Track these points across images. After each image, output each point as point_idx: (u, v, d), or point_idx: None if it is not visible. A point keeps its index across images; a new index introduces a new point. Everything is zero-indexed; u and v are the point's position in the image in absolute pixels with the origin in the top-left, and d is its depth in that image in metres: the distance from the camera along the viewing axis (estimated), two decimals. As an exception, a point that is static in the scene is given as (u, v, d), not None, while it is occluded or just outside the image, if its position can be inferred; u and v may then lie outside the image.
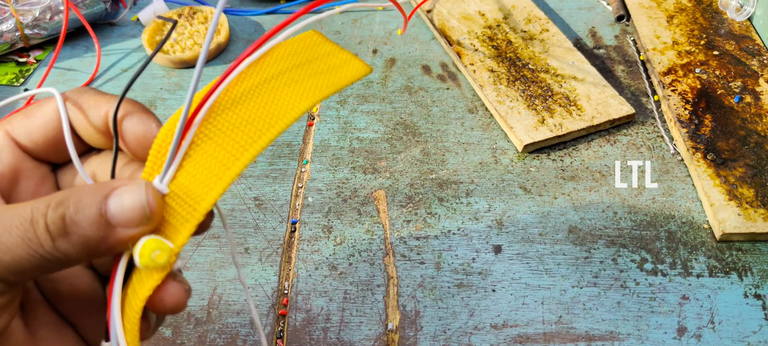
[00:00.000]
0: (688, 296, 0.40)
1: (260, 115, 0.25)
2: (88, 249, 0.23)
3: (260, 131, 0.25)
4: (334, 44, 0.29)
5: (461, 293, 0.41)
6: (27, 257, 0.23)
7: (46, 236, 0.23)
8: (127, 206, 0.23)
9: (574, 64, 0.55)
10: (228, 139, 0.25)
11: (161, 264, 0.24)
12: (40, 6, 0.58)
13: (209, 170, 0.25)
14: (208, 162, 0.25)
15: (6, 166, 0.26)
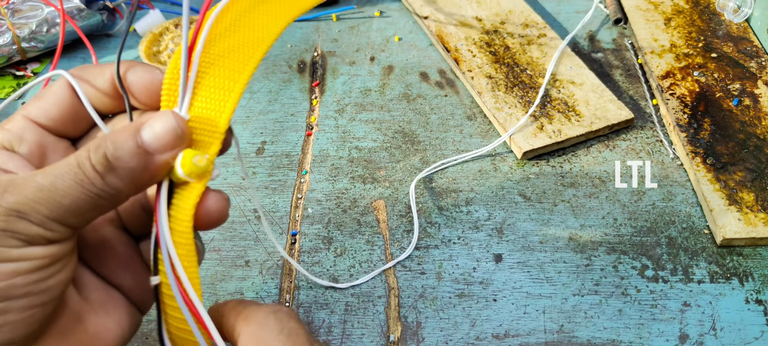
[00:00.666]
0: (689, 303, 0.40)
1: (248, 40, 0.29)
2: (134, 179, 0.26)
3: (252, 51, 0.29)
4: None
5: (462, 303, 0.41)
6: (83, 196, 0.25)
7: (94, 174, 0.26)
8: (160, 131, 0.26)
9: (572, 68, 0.55)
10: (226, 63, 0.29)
11: (203, 168, 0.27)
12: (36, 19, 0.58)
13: (218, 93, 0.28)
14: (215, 86, 0.28)
15: (32, 144, 0.29)
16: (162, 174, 0.27)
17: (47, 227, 0.25)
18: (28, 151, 0.29)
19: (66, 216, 0.26)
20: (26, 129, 0.29)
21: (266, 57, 0.60)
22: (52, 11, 0.59)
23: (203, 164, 0.27)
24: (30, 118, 0.29)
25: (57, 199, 0.25)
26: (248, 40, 0.29)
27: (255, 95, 0.56)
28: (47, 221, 0.25)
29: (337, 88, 0.56)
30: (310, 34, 0.63)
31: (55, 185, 0.25)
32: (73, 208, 0.26)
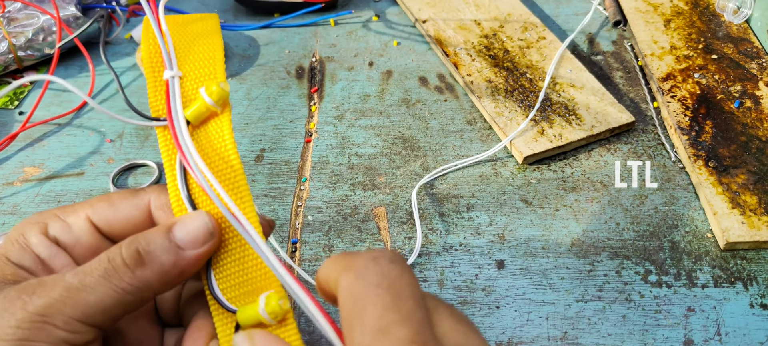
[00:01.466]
0: (693, 308, 0.40)
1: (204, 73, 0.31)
2: (164, 274, 0.26)
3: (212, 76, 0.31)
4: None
5: (465, 311, 0.40)
6: (110, 292, 0.25)
7: (124, 268, 0.26)
8: (192, 228, 0.27)
9: (572, 72, 0.55)
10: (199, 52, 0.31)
11: (226, 91, 0.29)
12: (32, 27, 0.58)
13: (201, 51, 0.31)
14: (196, 48, 0.31)
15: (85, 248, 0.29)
16: (191, 271, 0.28)
17: (71, 329, 0.25)
18: (79, 253, 0.29)
19: (92, 315, 0.25)
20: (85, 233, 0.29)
21: (264, 63, 0.60)
22: (49, 19, 0.58)
23: (226, 88, 0.29)
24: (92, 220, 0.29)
25: (84, 297, 0.25)
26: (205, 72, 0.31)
27: (253, 102, 0.56)
28: (72, 322, 0.25)
29: (336, 94, 0.56)
30: (308, 40, 0.63)
31: (84, 282, 0.25)
32: (100, 306, 0.25)
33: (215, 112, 0.30)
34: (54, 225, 0.29)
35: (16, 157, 0.52)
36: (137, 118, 0.30)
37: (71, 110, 0.56)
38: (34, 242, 0.28)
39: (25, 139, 0.54)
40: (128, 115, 0.37)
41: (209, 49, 0.31)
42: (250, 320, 0.28)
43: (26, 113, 0.56)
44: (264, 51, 0.62)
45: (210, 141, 0.30)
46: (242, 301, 0.29)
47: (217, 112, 0.30)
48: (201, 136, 0.30)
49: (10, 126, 0.55)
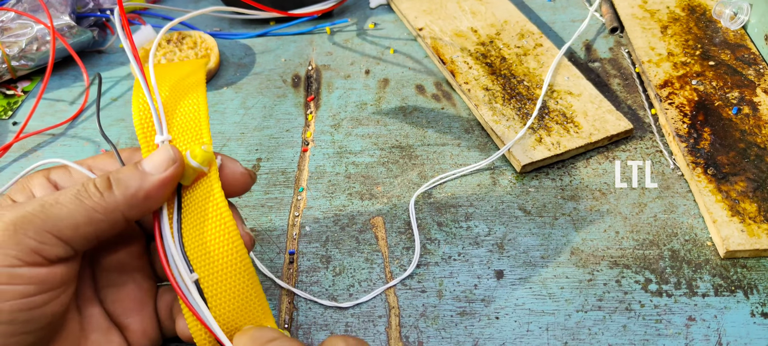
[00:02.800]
0: (694, 317, 0.39)
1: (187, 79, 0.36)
2: (130, 196, 0.29)
3: (196, 82, 0.35)
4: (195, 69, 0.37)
5: (464, 322, 0.40)
6: (80, 210, 0.28)
7: (94, 190, 0.29)
8: (156, 157, 0.30)
9: (569, 79, 0.54)
10: (181, 91, 0.35)
11: (210, 152, 0.32)
12: (26, 37, 0.58)
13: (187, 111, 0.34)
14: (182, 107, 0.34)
15: None
16: (158, 195, 0.31)
17: (41, 240, 0.27)
18: None
19: (62, 229, 0.27)
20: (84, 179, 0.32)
21: (260, 72, 0.59)
22: (42, 29, 0.58)
23: (209, 149, 0.32)
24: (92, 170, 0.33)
25: (55, 212, 0.27)
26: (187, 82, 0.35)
27: (250, 111, 0.55)
28: (43, 233, 0.27)
29: (333, 103, 0.56)
30: (304, 48, 0.62)
31: (57, 200, 0.28)
32: (70, 221, 0.27)
33: (203, 173, 0.33)
34: (56, 171, 0.32)
35: (10, 168, 0.52)
36: None
37: (65, 120, 0.55)
38: (34, 184, 0.31)
39: (19, 149, 0.53)
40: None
41: (194, 109, 0.34)
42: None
43: (20, 124, 0.55)
44: (260, 59, 0.61)
45: (200, 200, 0.32)
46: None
47: (204, 173, 0.32)
48: (192, 197, 0.32)
49: (4, 137, 0.54)
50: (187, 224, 0.32)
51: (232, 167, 0.33)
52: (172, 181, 0.31)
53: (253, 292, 0.32)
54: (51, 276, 0.27)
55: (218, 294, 0.31)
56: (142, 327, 0.33)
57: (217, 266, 0.31)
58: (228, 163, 0.33)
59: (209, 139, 0.33)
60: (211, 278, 0.31)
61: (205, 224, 0.31)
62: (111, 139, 0.53)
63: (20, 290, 0.26)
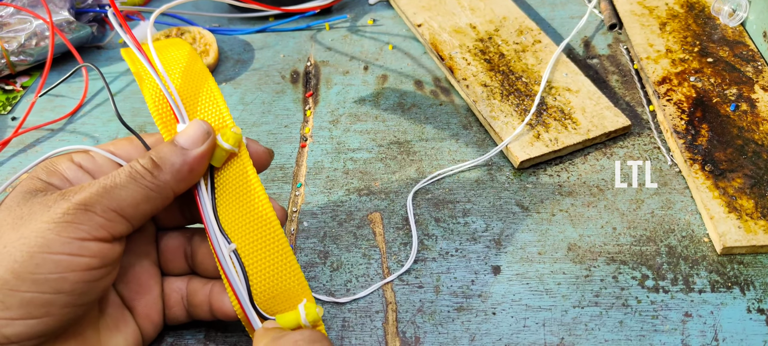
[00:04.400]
0: (690, 313, 0.40)
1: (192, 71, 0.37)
2: (177, 172, 0.32)
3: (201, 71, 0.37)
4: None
5: (461, 317, 0.40)
6: (138, 189, 0.31)
7: (145, 171, 0.31)
8: (191, 132, 0.33)
9: (567, 75, 0.54)
10: (191, 80, 0.36)
11: (240, 134, 0.35)
12: (25, 32, 0.58)
13: (203, 98, 0.36)
14: (197, 95, 0.36)
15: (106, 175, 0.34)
16: (200, 168, 0.33)
17: (108, 218, 0.29)
18: None
19: (124, 207, 0.30)
20: (107, 162, 0.35)
21: (259, 67, 0.59)
22: (41, 24, 0.58)
23: (238, 131, 0.35)
24: (115, 153, 0.35)
25: (117, 192, 0.30)
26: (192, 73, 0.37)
27: (248, 107, 0.55)
28: (109, 212, 0.30)
29: (331, 99, 0.56)
30: (302, 44, 0.62)
31: (115, 182, 0.30)
32: (130, 200, 0.30)
33: (234, 154, 0.35)
34: (78, 155, 0.34)
35: (9, 163, 0.52)
36: None
37: (64, 116, 0.55)
38: (62, 167, 0.33)
39: (17, 144, 0.53)
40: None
41: (210, 95, 0.36)
42: (289, 325, 0.33)
43: (19, 119, 0.55)
44: (258, 55, 0.61)
45: (234, 179, 0.35)
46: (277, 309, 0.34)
47: (236, 153, 0.35)
48: (225, 176, 0.35)
49: (3, 132, 0.55)
50: (222, 202, 0.35)
51: (255, 147, 0.37)
52: (210, 153, 0.34)
53: (288, 263, 0.34)
54: (112, 252, 0.30)
55: (256, 263, 0.33)
56: (147, 311, 0.35)
57: (254, 237, 0.34)
58: (250, 143, 0.37)
59: (232, 121, 0.36)
60: (249, 248, 0.34)
61: (241, 200, 0.34)
62: (112, 134, 0.53)
63: (87, 262, 0.29)
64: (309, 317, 0.33)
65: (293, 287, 0.34)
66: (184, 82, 0.36)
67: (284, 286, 0.34)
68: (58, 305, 0.28)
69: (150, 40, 0.38)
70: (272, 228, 0.34)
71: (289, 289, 0.34)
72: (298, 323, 0.33)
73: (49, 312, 0.28)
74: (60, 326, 0.29)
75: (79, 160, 0.34)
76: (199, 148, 0.33)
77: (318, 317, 0.33)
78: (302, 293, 0.34)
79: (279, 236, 0.34)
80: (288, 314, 0.33)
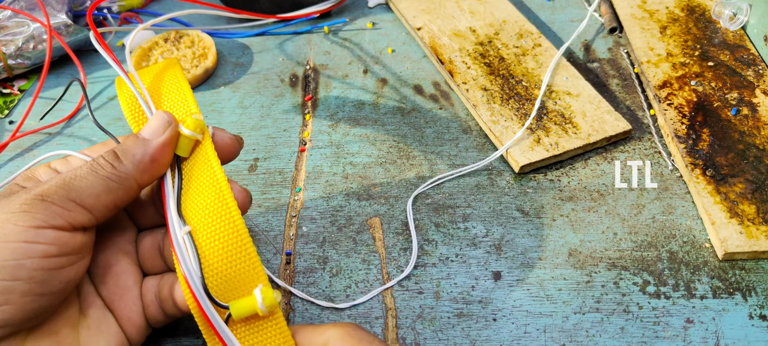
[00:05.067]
0: (692, 320, 0.39)
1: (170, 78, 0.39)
2: (138, 163, 0.33)
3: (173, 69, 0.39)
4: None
5: (462, 324, 0.40)
6: (97, 180, 0.31)
7: (105, 163, 0.32)
8: (152, 124, 0.34)
9: (568, 79, 0.54)
10: (164, 77, 0.38)
11: (201, 120, 0.35)
12: (22, 35, 0.57)
13: (170, 91, 0.37)
14: (165, 89, 0.37)
15: None
16: (162, 158, 0.34)
17: (66, 207, 0.30)
18: None
19: (84, 198, 0.31)
20: None
21: (257, 71, 0.59)
22: (39, 27, 0.58)
23: (200, 118, 0.35)
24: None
25: (76, 183, 0.31)
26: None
27: (247, 110, 0.55)
28: (67, 202, 0.30)
29: (330, 103, 0.56)
30: (301, 48, 0.62)
31: (75, 174, 0.31)
32: (90, 190, 0.31)
33: (198, 141, 0.35)
34: (57, 162, 0.35)
35: (6, 167, 0.51)
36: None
37: (62, 120, 0.55)
38: (39, 172, 0.34)
39: (15, 148, 0.53)
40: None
41: (177, 89, 0.37)
42: (245, 312, 0.32)
43: (16, 122, 0.55)
44: (257, 59, 0.61)
45: (198, 167, 0.35)
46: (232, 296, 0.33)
47: (199, 140, 0.35)
48: (191, 165, 0.35)
49: (0, 135, 0.54)
50: (187, 190, 0.35)
51: (221, 135, 0.37)
52: (172, 142, 0.34)
53: (244, 247, 0.33)
54: (72, 241, 0.30)
55: (210, 246, 0.33)
56: (128, 313, 0.35)
57: (210, 220, 0.33)
58: (217, 132, 0.37)
59: (197, 110, 0.36)
60: (203, 230, 0.33)
61: (202, 186, 0.34)
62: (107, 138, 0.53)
63: (43, 249, 0.29)
64: (266, 302, 0.32)
65: (249, 272, 0.33)
66: (154, 81, 0.38)
67: (239, 271, 0.33)
68: (18, 293, 0.29)
69: (134, 38, 0.40)
70: (228, 211, 0.33)
71: (245, 274, 0.33)
72: (254, 310, 0.32)
73: (9, 300, 0.28)
74: (23, 315, 0.29)
75: (56, 166, 0.34)
76: (160, 138, 0.34)
77: (275, 302, 0.32)
78: (258, 279, 0.33)
79: (235, 219, 0.33)
80: (243, 300, 0.32)
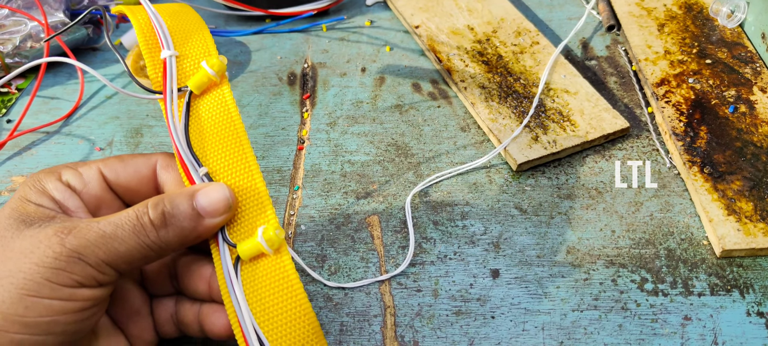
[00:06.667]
0: (690, 317, 0.39)
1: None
2: (183, 237, 0.31)
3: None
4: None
5: (460, 322, 0.40)
6: (137, 246, 0.29)
7: (151, 227, 0.30)
8: (214, 198, 0.31)
9: (566, 77, 0.54)
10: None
11: (225, 64, 0.35)
12: (20, 34, 0.57)
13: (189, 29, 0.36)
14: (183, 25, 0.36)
15: (93, 195, 0.33)
16: (207, 236, 0.32)
17: (101, 270, 0.29)
18: (88, 199, 0.33)
19: (118, 262, 0.29)
20: (94, 181, 0.33)
21: (255, 69, 0.59)
22: (36, 26, 0.57)
23: (224, 61, 0.35)
24: (102, 172, 0.33)
25: (115, 246, 0.29)
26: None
27: (245, 109, 0.55)
28: (102, 265, 0.29)
29: (329, 101, 0.56)
30: (299, 46, 0.62)
31: (116, 233, 0.29)
32: (127, 255, 0.29)
33: (215, 82, 0.35)
34: (66, 172, 0.33)
35: (3, 166, 0.51)
36: (140, 91, 0.35)
37: (60, 118, 0.55)
38: (50, 187, 0.32)
39: (12, 147, 0.53)
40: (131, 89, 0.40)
41: (197, 28, 0.36)
42: (250, 251, 0.32)
43: (14, 121, 0.55)
44: (255, 57, 0.61)
45: (213, 107, 0.35)
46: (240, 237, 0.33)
47: (217, 82, 0.35)
48: (204, 104, 0.35)
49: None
50: (198, 130, 0.34)
51: None
52: (223, 224, 0.32)
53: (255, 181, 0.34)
54: (100, 295, 0.30)
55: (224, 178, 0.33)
56: (139, 332, 0.35)
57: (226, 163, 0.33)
58: None
59: (215, 52, 0.36)
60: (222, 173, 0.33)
61: (216, 128, 0.34)
62: (108, 136, 0.53)
63: (78, 306, 0.29)
64: (266, 237, 0.32)
65: (259, 214, 0.33)
66: (172, 17, 0.37)
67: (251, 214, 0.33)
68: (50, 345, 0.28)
69: None
70: (245, 158, 0.34)
71: (255, 216, 0.33)
72: (259, 250, 0.32)
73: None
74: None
75: (67, 179, 0.33)
76: (216, 219, 0.31)
77: (277, 239, 0.32)
78: (264, 219, 0.33)
79: (251, 165, 0.34)
80: (247, 240, 0.32)
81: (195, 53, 0.36)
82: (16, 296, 0.27)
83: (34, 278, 0.28)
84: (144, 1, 0.36)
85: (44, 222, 0.30)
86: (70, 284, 0.28)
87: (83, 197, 0.33)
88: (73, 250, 0.28)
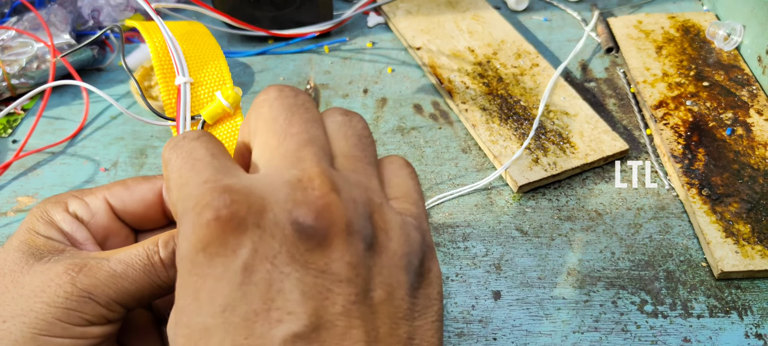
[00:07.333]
0: (689, 339, 0.40)
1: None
2: None
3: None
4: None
5: (462, 343, 0.40)
6: (148, 285, 0.29)
7: (161, 267, 0.30)
8: None
9: (565, 99, 0.55)
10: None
11: (239, 95, 0.35)
12: (26, 55, 0.58)
13: (204, 56, 0.37)
14: (199, 51, 0.37)
15: (101, 226, 0.33)
16: None
17: (111, 309, 0.29)
18: (95, 229, 0.33)
19: (129, 300, 0.29)
20: (101, 211, 0.33)
21: (258, 90, 0.60)
22: (42, 47, 0.58)
23: (239, 92, 0.35)
24: (108, 201, 0.33)
25: (125, 285, 0.29)
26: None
27: (248, 130, 0.56)
28: (112, 303, 0.29)
29: (331, 122, 0.56)
30: (302, 67, 0.63)
31: (126, 273, 0.29)
32: (137, 294, 0.29)
33: (229, 114, 0.35)
34: (73, 202, 0.33)
35: (9, 186, 0.52)
36: (151, 116, 0.35)
37: (65, 139, 0.55)
38: (58, 219, 0.32)
39: (18, 168, 0.53)
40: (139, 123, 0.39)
41: (213, 56, 0.37)
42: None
43: (20, 142, 0.55)
44: (258, 78, 0.62)
45: (225, 137, 0.35)
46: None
47: (231, 113, 0.35)
48: (216, 134, 0.35)
49: (4, 155, 0.55)
50: None
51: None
52: None
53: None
54: (110, 331, 0.30)
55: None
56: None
57: None
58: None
59: (230, 81, 0.36)
60: None
61: None
62: (113, 157, 0.54)
63: (88, 343, 0.29)
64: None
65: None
66: (187, 39, 0.37)
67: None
68: None
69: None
70: None
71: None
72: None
73: None
74: None
75: (74, 209, 0.33)
76: None
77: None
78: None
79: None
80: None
81: (210, 81, 0.36)
82: (28, 336, 0.28)
83: (46, 318, 0.28)
84: (158, 20, 0.36)
85: (54, 255, 0.30)
86: (81, 324, 0.28)
87: (91, 227, 0.33)
88: (83, 290, 0.29)
